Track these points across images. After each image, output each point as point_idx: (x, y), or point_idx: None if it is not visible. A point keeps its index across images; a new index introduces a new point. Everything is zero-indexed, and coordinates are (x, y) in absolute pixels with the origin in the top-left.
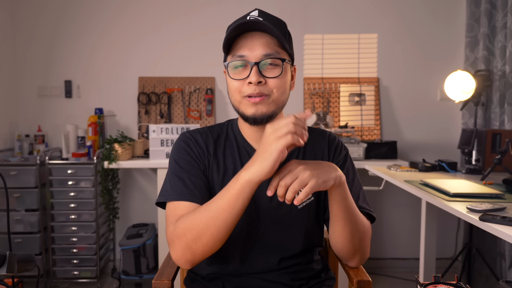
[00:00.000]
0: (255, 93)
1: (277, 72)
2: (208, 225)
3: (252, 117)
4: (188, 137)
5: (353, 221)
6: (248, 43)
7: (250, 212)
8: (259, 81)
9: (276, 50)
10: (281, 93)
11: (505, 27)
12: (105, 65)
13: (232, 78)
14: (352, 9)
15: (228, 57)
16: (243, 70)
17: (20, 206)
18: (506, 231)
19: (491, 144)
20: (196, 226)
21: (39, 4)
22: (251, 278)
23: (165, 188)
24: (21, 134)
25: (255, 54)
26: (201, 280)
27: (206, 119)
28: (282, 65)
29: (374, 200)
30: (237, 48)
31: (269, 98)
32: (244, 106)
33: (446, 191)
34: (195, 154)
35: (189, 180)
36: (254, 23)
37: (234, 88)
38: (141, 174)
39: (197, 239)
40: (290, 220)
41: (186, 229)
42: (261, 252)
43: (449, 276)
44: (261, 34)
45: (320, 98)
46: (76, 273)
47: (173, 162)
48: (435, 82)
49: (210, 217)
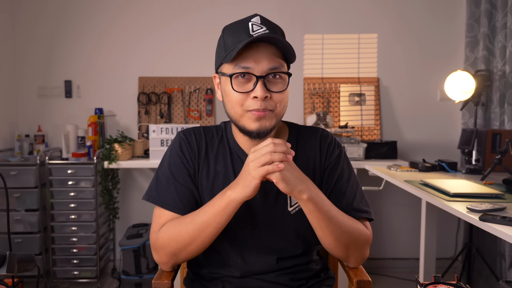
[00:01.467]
0: (261, 109)
1: (282, 87)
2: (194, 237)
3: (256, 132)
4: (182, 138)
5: (334, 229)
6: (253, 55)
7: (244, 217)
8: (265, 96)
9: (281, 63)
10: (283, 107)
11: (505, 27)
12: (105, 65)
13: (235, 91)
14: (352, 9)
15: (228, 65)
16: (246, 82)
17: (20, 206)
18: (506, 231)
19: (491, 144)
20: (182, 238)
21: (39, 4)
22: (250, 279)
23: (152, 187)
24: (21, 134)
25: (261, 67)
26: (201, 280)
27: (206, 119)
28: (287, 79)
29: (374, 200)
30: (241, 58)
31: (272, 113)
32: (246, 120)
33: (446, 191)
34: (186, 158)
35: (175, 188)
36: (266, 37)
37: (236, 101)
38: (141, 174)
39: (182, 249)
40: (283, 224)
41: (170, 240)
42: (259, 254)
43: (449, 276)
44: (267, 45)
45: (320, 98)
46: (76, 273)
47: (166, 163)
48: (435, 82)
49: (196, 230)
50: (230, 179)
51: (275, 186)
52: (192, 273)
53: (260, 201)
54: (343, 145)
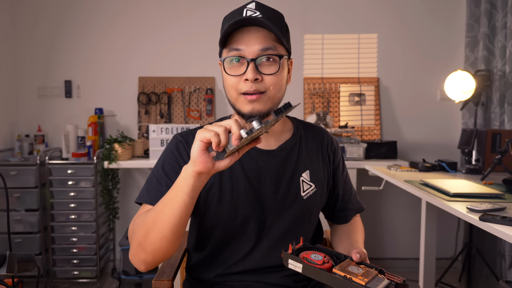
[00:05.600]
0: (251, 90)
1: (274, 69)
2: (154, 220)
3: (249, 115)
4: (179, 139)
5: None
6: (245, 37)
7: (256, 208)
8: (256, 78)
9: (274, 44)
10: (278, 90)
11: (505, 27)
12: (105, 65)
13: (228, 74)
14: (352, 9)
15: (224, 50)
16: (239, 65)
17: (20, 206)
18: (506, 231)
19: (491, 144)
20: (146, 223)
21: (39, 4)
22: (254, 283)
23: (143, 189)
24: (21, 134)
25: (252, 49)
26: (201, 286)
27: (206, 119)
28: (280, 62)
29: (374, 200)
30: (233, 41)
31: (265, 95)
32: (240, 103)
33: (446, 191)
34: (183, 158)
35: (167, 186)
36: (252, 20)
37: (231, 85)
38: (141, 174)
39: (145, 236)
40: (296, 210)
41: (138, 226)
42: (268, 246)
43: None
44: (258, 29)
45: (320, 98)
46: (76, 273)
47: (159, 164)
48: (435, 82)
49: (156, 212)
50: (236, 171)
51: (287, 174)
52: (192, 278)
53: (270, 192)
54: (343, 145)
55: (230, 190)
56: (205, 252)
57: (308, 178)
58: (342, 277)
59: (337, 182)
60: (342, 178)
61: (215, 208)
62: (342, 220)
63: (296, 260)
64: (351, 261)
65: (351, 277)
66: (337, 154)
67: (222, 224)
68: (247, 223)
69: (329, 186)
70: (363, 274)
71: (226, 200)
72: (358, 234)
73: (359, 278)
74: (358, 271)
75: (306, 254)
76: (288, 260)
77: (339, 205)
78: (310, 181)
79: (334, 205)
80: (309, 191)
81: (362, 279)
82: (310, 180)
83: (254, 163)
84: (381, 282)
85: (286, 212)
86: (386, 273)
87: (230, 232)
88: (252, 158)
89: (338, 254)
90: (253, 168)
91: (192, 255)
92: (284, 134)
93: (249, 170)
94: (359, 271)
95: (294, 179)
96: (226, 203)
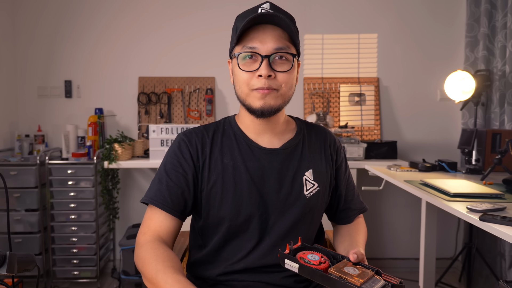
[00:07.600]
0: (264, 87)
1: (287, 67)
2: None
3: (260, 110)
4: (182, 138)
5: None
6: (260, 36)
7: (258, 206)
8: (269, 75)
9: (287, 44)
10: (289, 88)
11: (505, 27)
12: (105, 65)
13: (241, 69)
14: (352, 9)
15: (237, 47)
16: (253, 62)
17: (20, 206)
18: (506, 231)
19: (491, 144)
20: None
21: (39, 4)
22: (255, 283)
23: (148, 189)
24: (21, 134)
25: (267, 47)
26: (202, 285)
27: (206, 119)
28: (293, 60)
29: (374, 200)
30: (248, 39)
31: (277, 92)
32: (252, 98)
33: (446, 191)
34: (185, 157)
35: (166, 185)
36: (269, 16)
37: (243, 80)
38: (141, 174)
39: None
40: (298, 209)
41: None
42: (270, 244)
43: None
44: (273, 28)
45: (320, 98)
46: (76, 273)
47: (162, 163)
48: (435, 82)
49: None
50: (240, 169)
51: (290, 173)
52: (193, 277)
53: (273, 191)
54: (343, 145)
55: (233, 188)
56: (207, 250)
57: (311, 177)
58: (337, 278)
59: (339, 182)
60: (344, 178)
61: (218, 206)
62: (345, 221)
63: (292, 260)
64: (348, 262)
65: (346, 278)
66: (340, 154)
67: (225, 222)
68: (250, 221)
69: (332, 185)
70: (358, 275)
71: (229, 198)
72: (359, 235)
73: (355, 279)
74: (354, 272)
75: (303, 254)
76: (285, 260)
77: (342, 205)
78: (313, 180)
79: (337, 205)
80: (312, 190)
81: (357, 280)
82: (313, 179)
83: (257, 162)
84: (376, 283)
85: (289, 210)
86: (383, 274)
87: (233, 230)
88: (255, 157)
89: (335, 254)
90: (256, 166)
91: (193, 253)
92: (287, 133)
93: (252, 168)
94: (355, 272)
95: (297, 178)
96: (229, 201)
